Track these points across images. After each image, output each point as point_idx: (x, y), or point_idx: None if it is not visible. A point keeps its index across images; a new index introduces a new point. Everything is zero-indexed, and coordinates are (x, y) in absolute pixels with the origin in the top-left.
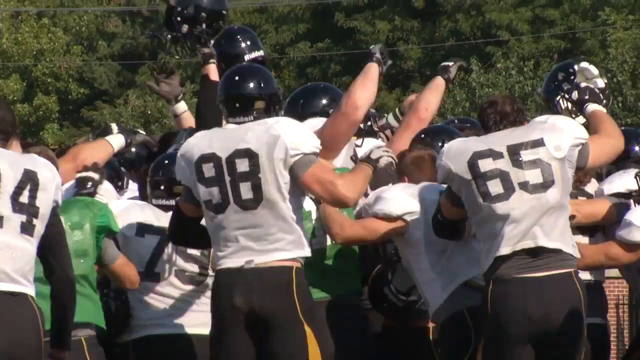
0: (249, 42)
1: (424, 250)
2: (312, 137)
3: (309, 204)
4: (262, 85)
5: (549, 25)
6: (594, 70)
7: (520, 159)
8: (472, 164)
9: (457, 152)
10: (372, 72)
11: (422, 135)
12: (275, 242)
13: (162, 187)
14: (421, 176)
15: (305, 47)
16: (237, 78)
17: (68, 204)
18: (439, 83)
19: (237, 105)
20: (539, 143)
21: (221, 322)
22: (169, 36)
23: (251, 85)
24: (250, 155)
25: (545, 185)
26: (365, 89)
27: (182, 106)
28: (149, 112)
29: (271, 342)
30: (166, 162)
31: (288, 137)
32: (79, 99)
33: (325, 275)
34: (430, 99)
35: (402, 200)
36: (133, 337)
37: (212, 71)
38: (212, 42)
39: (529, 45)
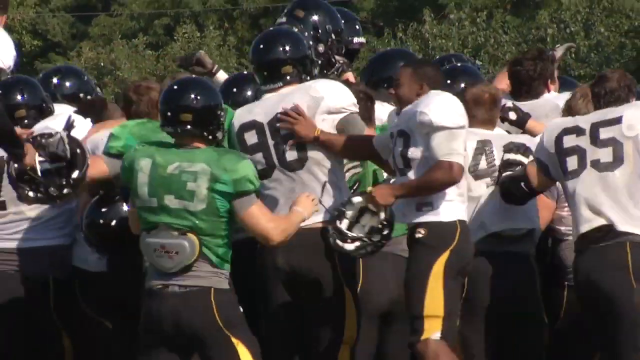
0: (357, 27)
1: None
2: (350, 94)
3: None
4: (288, 49)
5: None
6: None
7: (598, 136)
8: (558, 139)
9: (553, 126)
10: None
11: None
12: (318, 204)
13: None
14: (478, 112)
15: None
16: (261, 46)
17: None
18: None
19: (266, 73)
20: (616, 121)
21: (265, 281)
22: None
23: (276, 51)
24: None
25: (615, 164)
26: None
27: (221, 76)
28: (102, 64)
29: (312, 302)
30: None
31: (330, 96)
32: (33, 51)
33: None
34: None
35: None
36: None
37: (350, 76)
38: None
39: None
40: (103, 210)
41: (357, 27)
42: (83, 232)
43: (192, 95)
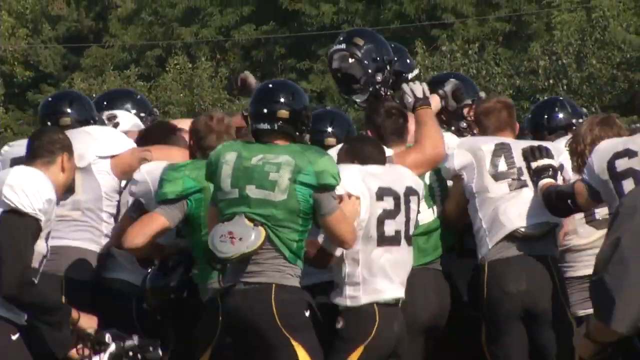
0: (408, 61)
1: (477, 202)
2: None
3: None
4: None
5: (494, 7)
6: None
7: None
8: (610, 165)
9: (601, 152)
10: None
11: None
12: None
13: None
14: (490, 122)
15: (250, 29)
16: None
17: None
18: None
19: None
20: None
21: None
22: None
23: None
24: None
25: None
26: None
27: None
28: (94, 95)
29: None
30: None
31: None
32: (24, 82)
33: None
34: None
35: (458, 155)
36: None
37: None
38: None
39: (474, 28)
40: (167, 277)
41: (409, 60)
42: (146, 299)
43: (289, 94)
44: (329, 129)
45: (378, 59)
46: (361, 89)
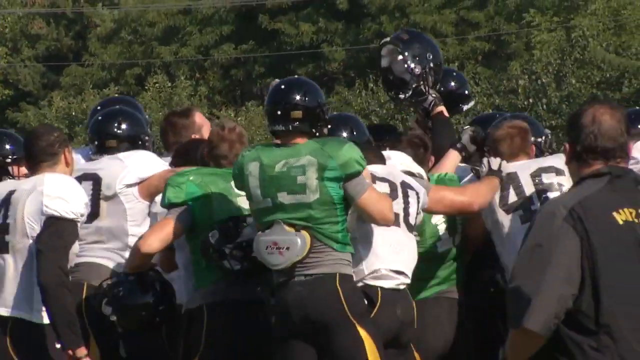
0: (466, 92)
1: (496, 238)
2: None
3: None
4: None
5: (474, 27)
6: None
7: None
8: None
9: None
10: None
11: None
12: None
13: None
14: (503, 148)
15: (229, 49)
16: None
17: None
18: None
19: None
20: None
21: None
22: (403, 96)
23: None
24: None
25: None
26: None
27: None
28: (73, 113)
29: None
30: None
31: None
32: (4, 100)
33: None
34: None
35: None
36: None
37: (444, 110)
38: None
39: (453, 48)
40: (141, 294)
41: (467, 92)
42: (114, 314)
43: (301, 93)
44: (344, 134)
45: (419, 55)
46: (407, 90)
